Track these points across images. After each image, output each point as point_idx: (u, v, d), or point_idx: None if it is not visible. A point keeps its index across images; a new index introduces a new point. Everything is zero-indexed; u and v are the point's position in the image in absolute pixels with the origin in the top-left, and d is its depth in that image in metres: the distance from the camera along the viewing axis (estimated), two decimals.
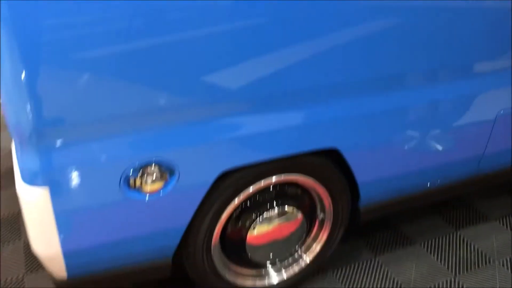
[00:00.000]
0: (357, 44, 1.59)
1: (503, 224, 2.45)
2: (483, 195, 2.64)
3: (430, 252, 2.27)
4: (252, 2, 1.39)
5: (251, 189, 1.73)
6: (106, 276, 1.65)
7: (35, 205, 1.43)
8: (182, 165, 1.53)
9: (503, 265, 2.19)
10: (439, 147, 1.95)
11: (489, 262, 2.21)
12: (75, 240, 1.52)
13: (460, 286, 2.08)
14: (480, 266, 2.19)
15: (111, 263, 1.63)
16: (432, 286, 2.08)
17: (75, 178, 1.42)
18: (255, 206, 1.80)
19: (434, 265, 2.19)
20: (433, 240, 2.33)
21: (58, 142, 1.37)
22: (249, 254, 1.85)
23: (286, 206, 1.84)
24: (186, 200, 1.61)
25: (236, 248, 1.84)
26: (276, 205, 1.82)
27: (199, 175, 1.58)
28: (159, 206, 1.57)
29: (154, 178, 1.52)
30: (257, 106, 1.56)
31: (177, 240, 1.68)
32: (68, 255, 1.53)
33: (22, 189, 1.43)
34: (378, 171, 1.91)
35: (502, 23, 1.81)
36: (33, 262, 2.17)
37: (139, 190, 1.52)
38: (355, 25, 1.56)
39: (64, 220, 1.47)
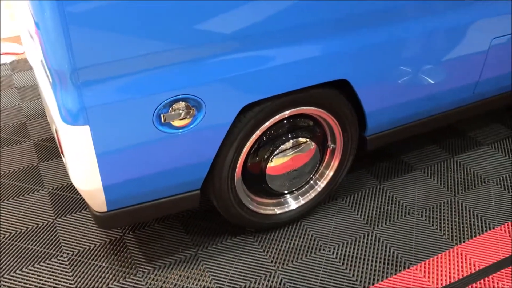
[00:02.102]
0: None
1: (495, 148, 2.63)
2: (476, 124, 2.82)
3: (430, 177, 2.44)
4: None
5: (268, 122, 1.86)
6: (142, 208, 1.78)
7: (78, 144, 1.53)
8: (207, 101, 1.64)
9: (497, 184, 2.38)
10: (438, 76, 2.09)
11: (485, 182, 2.40)
12: (115, 174, 1.63)
13: (460, 204, 2.27)
14: (477, 186, 2.38)
15: (147, 196, 1.76)
16: (435, 205, 2.27)
17: (112, 115, 1.51)
18: (272, 139, 1.93)
19: (434, 187, 2.38)
20: (432, 166, 2.51)
21: (95, 81, 1.45)
22: (269, 184, 2.00)
23: (300, 137, 1.97)
24: (212, 134, 1.72)
25: (257, 179, 1.98)
26: (291, 138, 1.95)
27: (223, 110, 1.69)
28: (189, 140, 1.69)
29: (183, 114, 1.62)
30: (271, 41, 1.65)
31: (204, 172, 1.81)
32: (108, 189, 1.65)
33: (64, 129, 1.52)
34: (384, 101, 2.04)
35: None
36: (60, 208, 2.29)
37: (170, 125, 1.63)
38: None
39: (104, 156, 1.57)
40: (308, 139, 2.00)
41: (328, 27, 1.73)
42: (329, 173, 2.14)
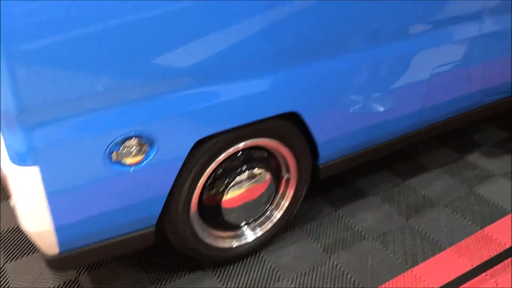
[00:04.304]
0: (306, 14, 1.76)
1: (443, 172, 2.74)
2: (425, 148, 2.93)
3: (383, 202, 2.51)
4: None
5: (222, 155, 1.88)
6: (95, 248, 1.75)
7: (27, 185, 1.50)
8: (160, 137, 1.64)
9: (446, 206, 2.47)
10: (385, 104, 2.17)
11: (435, 204, 2.48)
12: (66, 215, 1.60)
13: (412, 228, 2.34)
14: (427, 208, 2.46)
15: (100, 235, 1.73)
16: (388, 230, 2.32)
17: (62, 155, 1.50)
18: (228, 171, 1.94)
19: (388, 212, 2.44)
20: (385, 191, 2.58)
21: (43, 122, 1.44)
22: (225, 217, 2.00)
23: (254, 169, 2.00)
24: (166, 169, 1.73)
25: (213, 212, 1.99)
26: (246, 169, 1.98)
27: (176, 145, 1.70)
28: (141, 177, 1.68)
29: (135, 151, 1.62)
30: (222, 76, 1.69)
31: (159, 208, 1.80)
32: (60, 230, 1.62)
33: (12, 170, 1.49)
34: (333, 131, 2.10)
35: None
36: (10, 252, 2.21)
37: (121, 163, 1.62)
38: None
39: (55, 196, 1.55)
40: (263, 170, 2.02)
41: (277, 62, 1.79)
42: (285, 203, 2.17)
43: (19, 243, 2.25)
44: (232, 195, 1.98)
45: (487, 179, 2.67)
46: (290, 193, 2.16)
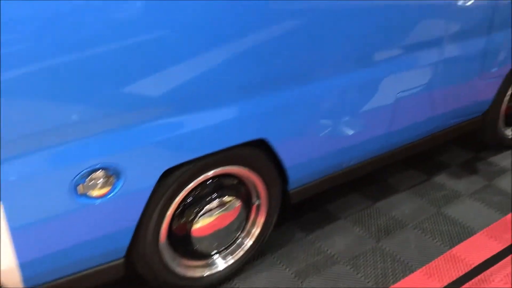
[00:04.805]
0: (271, 45, 1.80)
1: (411, 194, 2.78)
2: (393, 170, 2.98)
3: (354, 225, 2.53)
4: (163, 12, 1.52)
5: (191, 184, 1.87)
6: (62, 283, 1.71)
7: None
8: (127, 168, 1.64)
9: (415, 227, 2.51)
10: (351, 128, 2.21)
11: (404, 226, 2.52)
12: (31, 250, 1.57)
13: (382, 250, 2.36)
14: (397, 230, 2.49)
15: (67, 270, 1.69)
16: (359, 253, 2.34)
17: (26, 189, 1.48)
18: (197, 200, 1.94)
19: (358, 235, 2.46)
20: (355, 214, 2.61)
21: (7, 157, 1.42)
22: (196, 246, 1.99)
23: (224, 197, 2.00)
24: (134, 200, 1.71)
25: (183, 242, 1.97)
26: (215, 197, 1.97)
27: (143, 176, 1.70)
28: (108, 209, 1.66)
29: (101, 183, 1.61)
30: (191, 106, 1.70)
31: (128, 240, 1.78)
32: (24, 266, 1.58)
33: None
34: (302, 156, 2.13)
35: (394, 18, 2.11)
36: None
37: (87, 195, 1.60)
38: (264, 28, 1.76)
39: (19, 232, 1.52)
40: (233, 198, 2.02)
41: (243, 91, 1.82)
42: (256, 230, 2.17)
43: None
44: (202, 224, 1.97)
45: (454, 199, 2.72)
46: (261, 220, 2.16)
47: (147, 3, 1.49)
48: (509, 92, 2.93)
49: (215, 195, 1.97)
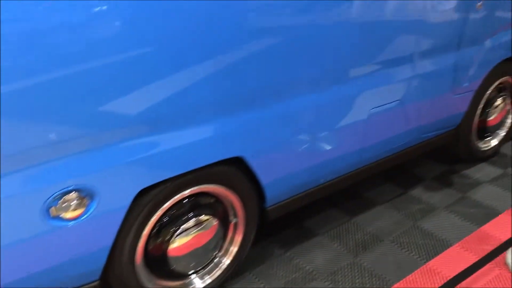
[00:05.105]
0: (246, 63, 1.81)
1: (388, 208, 2.81)
2: (370, 184, 3.00)
3: (332, 240, 2.54)
4: (138, 32, 1.53)
5: (167, 203, 1.86)
6: None
7: None
8: (100, 189, 1.62)
9: (392, 241, 2.53)
10: (327, 144, 2.23)
11: (381, 240, 2.53)
12: (3, 273, 1.53)
13: (360, 265, 2.37)
14: (374, 245, 2.50)
15: None
16: (337, 268, 2.34)
17: None
18: (174, 219, 1.92)
19: (336, 250, 2.47)
20: (333, 229, 2.62)
21: None
22: (173, 266, 1.97)
23: (201, 215, 1.98)
24: (108, 221, 1.69)
25: (159, 262, 1.94)
26: (192, 216, 1.96)
27: (118, 197, 1.68)
28: (82, 231, 1.64)
29: (74, 205, 1.59)
30: (163, 125, 1.70)
31: (102, 262, 1.75)
32: None
33: None
34: (279, 172, 2.13)
35: (367, 35, 2.15)
36: None
37: (61, 217, 1.58)
38: (239, 46, 1.77)
39: None
40: (210, 216, 2.01)
41: (218, 109, 1.82)
42: (234, 249, 2.15)
43: None
44: (179, 243, 1.95)
45: (430, 212, 2.76)
46: (238, 238, 2.15)
47: (120, 22, 1.48)
48: (480, 106, 3.00)
49: (191, 214, 1.96)
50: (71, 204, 1.58)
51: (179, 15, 1.59)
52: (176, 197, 1.88)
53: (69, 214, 1.59)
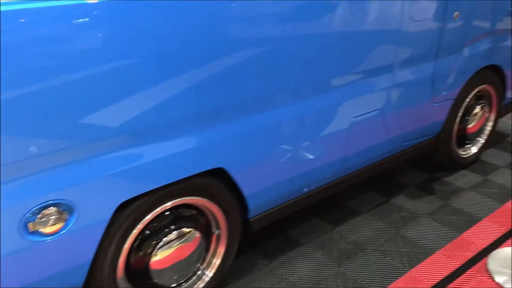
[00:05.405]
0: (226, 74, 1.81)
1: (371, 216, 2.82)
2: (353, 193, 3.02)
3: (315, 250, 2.54)
4: (116, 44, 1.52)
5: (149, 216, 1.84)
6: None
7: None
8: (79, 203, 1.60)
9: (375, 250, 2.54)
10: (309, 154, 2.24)
11: (364, 249, 2.54)
12: None
13: (344, 274, 2.37)
14: (358, 254, 2.51)
15: None
16: (321, 278, 2.34)
17: None
18: (155, 232, 1.90)
19: (320, 260, 2.47)
20: (316, 239, 2.62)
21: None
22: (155, 280, 1.94)
23: (183, 228, 1.97)
24: (88, 236, 1.67)
25: (141, 276, 1.92)
26: (174, 229, 1.94)
27: (97, 210, 1.66)
28: (62, 246, 1.61)
29: (53, 219, 1.56)
30: (144, 137, 1.69)
31: (83, 277, 1.72)
32: None
33: None
34: (261, 183, 2.13)
35: (347, 45, 2.17)
36: None
37: (39, 233, 1.55)
38: (219, 57, 1.77)
39: None
40: (192, 228, 2.00)
41: (200, 120, 1.81)
42: (217, 261, 2.14)
43: None
44: (161, 256, 1.93)
45: (412, 220, 2.78)
46: (221, 250, 2.14)
47: (100, 34, 1.48)
48: (459, 114, 3.04)
49: (173, 226, 1.95)
50: (49, 218, 1.55)
51: (160, 28, 1.59)
52: (157, 210, 1.86)
53: (47, 229, 1.56)
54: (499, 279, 2.27)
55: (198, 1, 1.65)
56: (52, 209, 1.55)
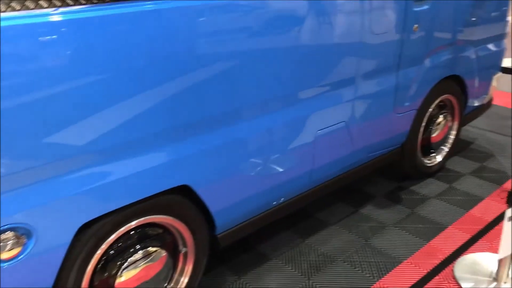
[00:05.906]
0: (190, 90, 1.80)
1: (340, 227, 2.83)
2: (322, 204, 3.03)
3: (285, 263, 2.53)
4: (84, 61, 1.50)
5: (113, 236, 1.80)
6: None
7: None
8: (38, 226, 1.55)
9: (344, 261, 2.55)
10: (276, 168, 2.24)
11: (334, 261, 2.55)
12: None
13: (314, 287, 2.36)
14: (327, 266, 2.51)
15: None
16: None
17: None
18: (120, 252, 1.86)
19: (290, 273, 2.46)
20: (286, 252, 2.61)
21: None
22: None
23: (149, 247, 1.93)
24: (48, 260, 1.62)
25: None
26: (139, 248, 1.91)
27: (58, 233, 1.61)
28: (21, 272, 1.56)
29: (10, 244, 1.51)
30: (105, 156, 1.65)
31: None
32: None
33: None
34: (228, 199, 2.11)
35: (311, 58, 2.19)
36: None
37: None
38: (184, 73, 1.76)
39: None
40: (158, 247, 1.96)
41: (163, 138, 1.79)
42: (184, 279, 2.11)
43: None
44: (127, 277, 1.89)
45: (380, 230, 2.80)
46: (189, 268, 2.11)
47: (65, 53, 1.45)
48: (423, 124, 3.10)
49: (138, 246, 1.91)
50: (7, 243, 1.50)
51: (125, 45, 1.57)
52: (122, 229, 1.83)
53: (5, 255, 1.51)
54: (465, 285, 2.31)
55: (165, 18, 1.64)
56: (10, 234, 1.50)
